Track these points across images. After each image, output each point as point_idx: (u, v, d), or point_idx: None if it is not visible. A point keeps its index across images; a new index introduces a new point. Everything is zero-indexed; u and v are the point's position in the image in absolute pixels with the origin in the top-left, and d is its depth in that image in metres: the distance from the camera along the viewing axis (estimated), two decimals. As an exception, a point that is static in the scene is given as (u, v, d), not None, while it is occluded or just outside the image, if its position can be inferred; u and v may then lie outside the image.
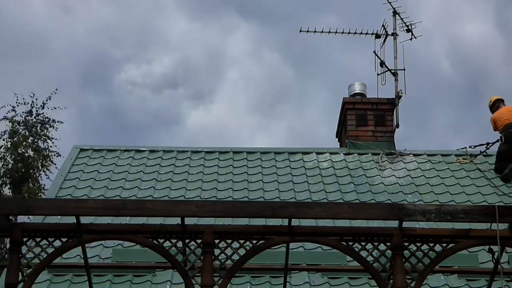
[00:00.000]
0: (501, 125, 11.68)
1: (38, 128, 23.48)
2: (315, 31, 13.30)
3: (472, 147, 12.14)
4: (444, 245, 6.53)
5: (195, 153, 12.25)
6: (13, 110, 23.39)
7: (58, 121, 23.67)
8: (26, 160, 22.65)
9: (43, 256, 6.45)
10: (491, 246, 6.80)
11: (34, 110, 23.60)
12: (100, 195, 10.63)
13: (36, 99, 23.63)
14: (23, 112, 23.54)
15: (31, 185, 22.65)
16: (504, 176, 11.35)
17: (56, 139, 23.44)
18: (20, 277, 6.34)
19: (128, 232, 6.60)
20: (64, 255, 7.31)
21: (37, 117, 23.53)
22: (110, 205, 6.61)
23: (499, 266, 6.89)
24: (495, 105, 12.09)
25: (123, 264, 8.63)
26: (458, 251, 6.63)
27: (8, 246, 7.14)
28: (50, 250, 6.50)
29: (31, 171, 22.75)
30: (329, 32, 13.34)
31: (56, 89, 24.33)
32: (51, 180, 22.85)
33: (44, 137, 23.38)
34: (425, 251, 6.50)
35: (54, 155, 23.26)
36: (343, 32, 13.33)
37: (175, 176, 11.36)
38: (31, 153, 23.00)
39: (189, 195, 10.68)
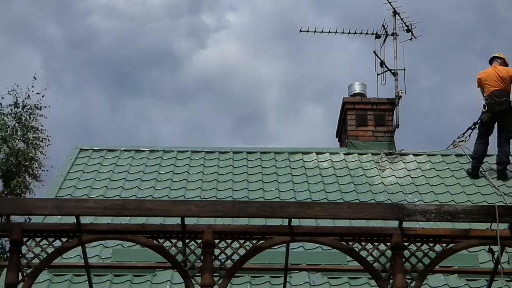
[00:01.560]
0: (487, 91, 11.46)
1: (27, 119, 23.37)
2: (315, 31, 13.31)
3: (461, 136, 12.05)
4: (444, 245, 6.53)
5: (195, 153, 12.25)
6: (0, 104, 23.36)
7: (44, 107, 23.56)
8: (17, 153, 22.56)
9: (43, 256, 6.45)
10: (491, 246, 6.80)
11: (20, 101, 23.51)
12: (100, 195, 10.63)
13: (21, 89, 23.51)
14: (8, 105, 23.46)
15: (22, 177, 22.58)
16: (471, 174, 11.42)
17: (44, 129, 23.38)
18: (20, 277, 6.33)
19: (128, 232, 6.60)
20: (64, 255, 7.29)
21: (23, 108, 23.42)
22: (110, 205, 6.61)
23: (499, 266, 6.89)
24: (491, 62, 11.87)
25: (123, 264, 8.63)
26: (458, 251, 6.63)
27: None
28: (50, 250, 6.50)
29: (23, 163, 22.68)
30: (329, 32, 13.34)
31: (36, 74, 24.07)
32: (43, 170, 22.98)
33: (33, 128, 23.31)
34: (425, 251, 6.50)
35: (46, 144, 23.23)
36: (343, 32, 13.33)
37: (175, 176, 11.36)
38: (22, 145, 22.95)
39: (189, 195, 10.68)
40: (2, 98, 23.35)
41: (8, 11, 35.76)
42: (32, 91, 23.43)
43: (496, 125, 11.50)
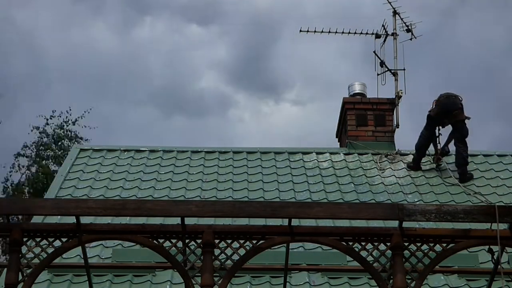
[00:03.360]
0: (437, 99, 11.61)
1: (65, 143, 23.71)
2: (315, 31, 13.31)
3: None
4: (444, 245, 6.53)
5: (195, 153, 12.25)
6: (47, 123, 23.73)
7: (85, 139, 23.98)
8: (49, 172, 22.82)
9: (43, 256, 6.45)
10: (491, 246, 6.80)
11: (65, 125, 23.91)
12: (100, 195, 10.63)
13: (71, 114, 23.99)
14: (54, 125, 23.92)
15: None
16: (411, 167, 11.58)
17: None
18: (20, 277, 6.33)
19: (128, 232, 6.60)
20: (64, 255, 7.30)
21: (66, 132, 23.80)
22: (110, 205, 6.60)
23: (499, 266, 6.89)
24: None
25: (123, 264, 8.64)
26: (458, 251, 6.62)
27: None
28: (50, 250, 6.50)
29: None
30: (329, 32, 13.34)
31: (91, 109, 24.51)
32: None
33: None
34: (425, 251, 6.49)
35: None
36: (343, 32, 13.33)
37: (175, 176, 11.36)
38: (55, 166, 23.22)
39: (189, 195, 10.68)
40: (51, 118, 23.78)
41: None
42: (76, 120, 23.77)
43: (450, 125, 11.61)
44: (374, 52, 13.02)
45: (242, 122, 38.47)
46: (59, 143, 23.65)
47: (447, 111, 11.46)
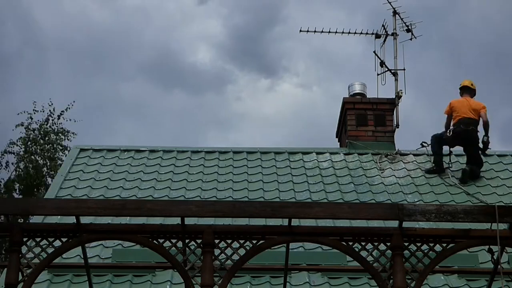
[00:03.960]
0: (455, 117, 11.55)
1: (52, 137, 23.65)
2: (315, 31, 13.33)
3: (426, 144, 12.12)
4: (444, 245, 6.53)
5: (195, 153, 12.25)
6: (30, 118, 23.67)
7: (72, 133, 23.91)
8: (38, 167, 22.77)
9: (43, 256, 6.45)
10: (491, 246, 6.80)
11: (50, 119, 23.86)
12: (100, 195, 10.63)
13: (54, 108, 23.91)
14: (38, 120, 23.86)
15: (41, 192, 22.76)
16: (431, 171, 11.52)
17: (68, 149, 23.54)
18: (20, 277, 6.33)
19: (128, 232, 6.60)
20: (64, 255, 7.30)
21: (52, 126, 23.75)
22: (110, 205, 6.60)
23: (499, 266, 6.89)
24: (462, 90, 11.94)
25: (123, 264, 8.64)
26: (458, 251, 6.62)
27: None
28: (50, 250, 6.50)
29: (43, 178, 22.89)
30: (329, 32, 13.35)
31: (74, 101, 24.43)
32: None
33: (60, 146, 23.55)
34: (425, 251, 6.49)
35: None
36: (343, 32, 13.35)
37: (175, 176, 11.36)
38: (44, 161, 23.15)
39: (189, 195, 10.68)
40: (34, 113, 23.74)
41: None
42: (60, 114, 23.73)
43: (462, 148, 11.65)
44: (374, 52, 13.05)
45: (240, 101, 38.18)
46: (46, 138, 23.57)
47: (463, 142, 11.54)
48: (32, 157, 22.97)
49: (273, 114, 36.85)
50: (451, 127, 11.58)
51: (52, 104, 23.92)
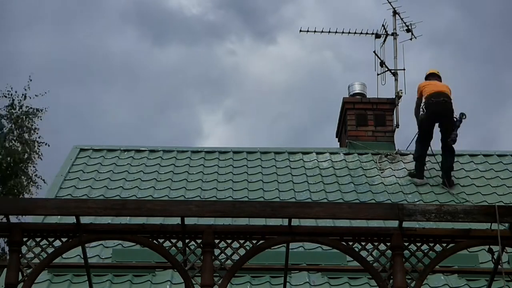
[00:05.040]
0: (426, 93, 11.33)
1: (23, 120, 23.29)
2: (315, 31, 13.32)
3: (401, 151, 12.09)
4: (444, 245, 6.53)
5: (195, 153, 12.25)
6: None
7: (41, 109, 23.49)
8: (13, 153, 22.49)
9: (43, 256, 6.45)
10: (491, 246, 6.80)
11: (16, 102, 23.43)
12: (100, 195, 10.63)
13: (15, 92, 23.45)
14: (5, 106, 23.38)
15: (18, 178, 22.52)
16: (412, 174, 11.27)
17: (38, 129, 23.28)
18: (20, 277, 6.33)
19: (128, 232, 6.60)
20: (64, 255, 7.30)
21: (20, 109, 23.36)
22: (110, 205, 6.60)
23: (499, 266, 6.89)
24: (428, 76, 11.80)
25: (123, 264, 8.63)
26: (458, 251, 6.63)
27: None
28: (50, 250, 6.50)
29: (20, 164, 22.62)
30: (329, 32, 13.35)
31: (30, 78, 23.91)
32: (36, 169, 22.91)
33: (29, 129, 23.21)
34: (425, 251, 6.50)
35: (40, 145, 23.14)
36: (343, 32, 13.34)
37: (175, 176, 11.36)
38: (18, 146, 22.87)
39: (189, 195, 10.68)
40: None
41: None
42: (25, 94, 23.42)
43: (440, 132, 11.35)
44: (374, 52, 13.04)
45: (234, 55, 37.83)
46: (18, 122, 23.20)
47: (437, 116, 11.25)
48: (6, 144, 22.63)
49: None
50: (422, 105, 11.34)
51: (12, 88, 23.39)
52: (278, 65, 36.57)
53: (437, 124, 11.36)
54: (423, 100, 11.35)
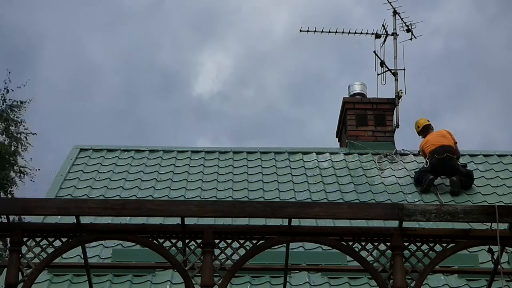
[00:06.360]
0: (428, 151, 11.24)
1: (8, 113, 23.27)
2: (315, 31, 13.32)
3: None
4: (444, 245, 6.53)
5: (195, 153, 12.25)
6: None
7: (25, 101, 23.48)
8: (0, 147, 22.47)
9: (43, 256, 6.45)
10: (491, 246, 6.80)
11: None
12: (100, 195, 10.63)
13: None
14: None
15: (7, 171, 22.50)
16: (423, 190, 10.90)
17: (23, 120, 23.22)
18: (20, 277, 6.33)
19: (128, 232, 6.60)
20: (64, 255, 7.30)
21: (4, 103, 23.37)
22: (110, 205, 6.60)
23: (499, 266, 6.89)
24: (424, 130, 11.72)
25: (123, 264, 8.64)
26: (458, 251, 6.63)
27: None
28: (50, 250, 6.50)
29: (8, 157, 22.59)
30: (329, 32, 13.35)
31: (8, 71, 23.89)
32: (25, 160, 22.89)
33: (14, 122, 23.18)
34: (425, 251, 6.50)
35: (27, 135, 23.09)
36: (343, 32, 13.35)
37: (175, 176, 11.36)
38: (5, 139, 22.86)
39: (189, 195, 10.68)
40: None
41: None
42: (6, 87, 23.35)
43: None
44: (374, 52, 13.04)
45: None
46: (3, 116, 23.16)
47: (443, 173, 11.09)
48: None
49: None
50: (426, 160, 11.22)
51: None
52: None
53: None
54: (427, 155, 11.24)
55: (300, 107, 37.61)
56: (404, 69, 12.93)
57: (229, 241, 6.53)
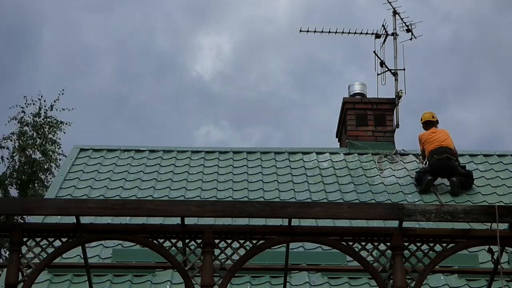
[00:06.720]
0: (427, 150, 11.23)
1: (46, 130, 23.47)
2: (315, 31, 13.32)
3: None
4: (444, 245, 6.53)
5: (195, 153, 12.25)
6: (22, 111, 23.46)
7: (66, 123, 23.70)
8: (33, 162, 22.65)
9: (43, 256, 6.45)
10: (491, 246, 6.80)
11: (42, 111, 23.63)
12: (100, 195, 10.63)
13: (44, 101, 23.67)
14: (31, 113, 23.57)
15: (36, 187, 22.61)
16: (422, 190, 10.89)
17: (60, 143, 23.35)
18: (20, 277, 6.33)
19: (128, 232, 6.60)
20: (64, 255, 7.30)
21: (45, 119, 23.53)
22: (110, 205, 6.60)
23: (499, 266, 6.89)
24: (426, 125, 11.64)
25: (123, 264, 8.64)
26: (458, 251, 6.63)
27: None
28: (50, 250, 6.50)
29: (38, 173, 22.75)
30: (329, 32, 13.35)
31: (63, 90, 24.18)
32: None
33: (51, 141, 23.36)
34: (425, 251, 6.50)
35: (60, 158, 23.21)
36: (343, 32, 13.34)
37: (175, 176, 11.36)
38: (39, 155, 23.02)
39: (189, 195, 10.68)
40: (27, 106, 23.52)
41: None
42: (53, 104, 23.49)
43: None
44: (374, 52, 13.04)
45: None
46: (41, 132, 23.35)
47: (442, 174, 11.08)
48: (26, 151, 22.78)
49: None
50: (425, 161, 11.23)
51: (42, 96, 23.59)
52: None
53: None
54: (426, 155, 11.24)
55: (304, 94, 37.48)
56: (404, 69, 12.95)
57: (229, 241, 6.53)
